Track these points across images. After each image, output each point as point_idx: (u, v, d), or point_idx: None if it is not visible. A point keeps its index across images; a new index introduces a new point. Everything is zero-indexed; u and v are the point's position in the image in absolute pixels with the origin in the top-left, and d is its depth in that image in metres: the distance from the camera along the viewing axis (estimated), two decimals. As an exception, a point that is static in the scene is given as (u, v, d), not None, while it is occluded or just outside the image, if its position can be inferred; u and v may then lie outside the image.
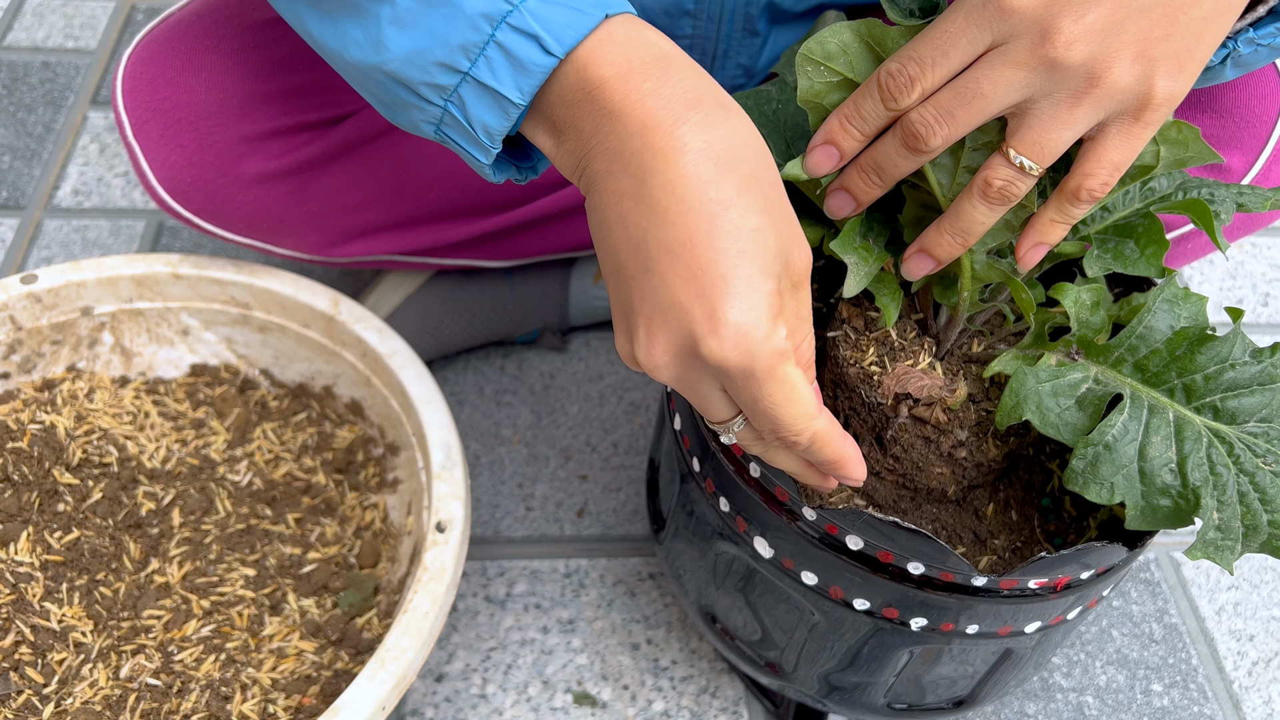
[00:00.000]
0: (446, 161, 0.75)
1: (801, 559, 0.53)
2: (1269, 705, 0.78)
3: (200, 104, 0.67)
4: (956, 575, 0.50)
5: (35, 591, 0.64)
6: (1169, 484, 0.46)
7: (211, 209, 0.72)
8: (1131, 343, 0.49)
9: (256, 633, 0.66)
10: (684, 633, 0.79)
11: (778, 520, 0.53)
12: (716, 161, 0.40)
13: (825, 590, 0.54)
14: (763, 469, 0.52)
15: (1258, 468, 0.46)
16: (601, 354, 0.97)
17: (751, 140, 0.42)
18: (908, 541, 0.49)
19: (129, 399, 0.76)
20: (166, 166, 0.69)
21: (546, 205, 0.81)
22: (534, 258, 0.88)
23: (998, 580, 0.50)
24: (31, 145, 1.12)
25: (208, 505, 0.71)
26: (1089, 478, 0.47)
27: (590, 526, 0.85)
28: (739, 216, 0.40)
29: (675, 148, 0.40)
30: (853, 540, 0.51)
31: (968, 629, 0.53)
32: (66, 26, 1.26)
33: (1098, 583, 0.53)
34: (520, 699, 0.74)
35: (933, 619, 0.53)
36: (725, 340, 0.40)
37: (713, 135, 0.41)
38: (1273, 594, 0.85)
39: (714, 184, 0.40)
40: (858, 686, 0.59)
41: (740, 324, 0.40)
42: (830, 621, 0.55)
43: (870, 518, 0.49)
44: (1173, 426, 0.47)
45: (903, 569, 0.51)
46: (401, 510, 0.73)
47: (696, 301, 0.40)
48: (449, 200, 0.77)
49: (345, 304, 0.75)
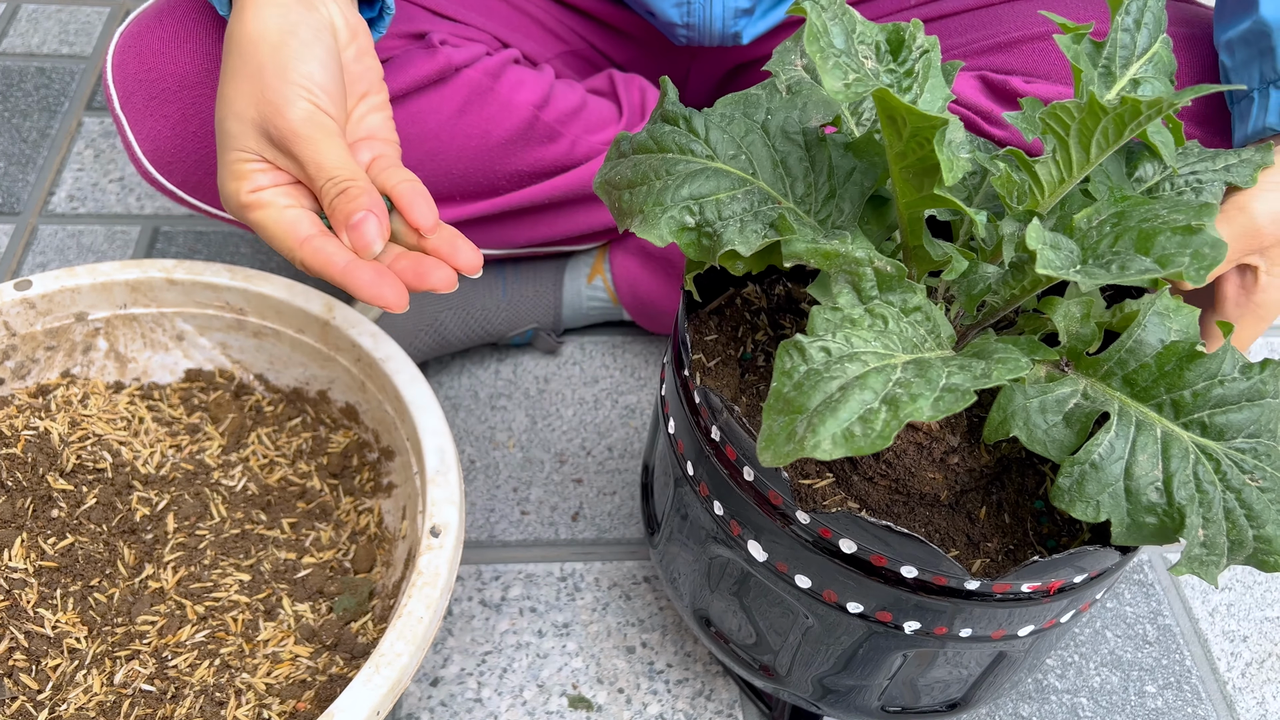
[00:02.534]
0: (431, 143, 0.76)
1: (795, 562, 0.53)
2: (1262, 706, 0.78)
3: (185, 73, 0.68)
4: (950, 579, 0.50)
5: (29, 597, 0.64)
6: (1155, 502, 0.46)
7: (195, 181, 0.72)
8: (1121, 356, 0.49)
9: (251, 638, 0.66)
10: (679, 636, 0.79)
11: (771, 524, 0.53)
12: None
13: (819, 594, 0.54)
14: (757, 473, 0.52)
15: (1244, 484, 0.46)
16: (596, 358, 0.97)
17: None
18: (901, 545, 0.49)
19: (123, 404, 0.76)
20: (151, 137, 0.70)
21: (535, 193, 0.81)
22: (522, 247, 0.88)
23: (990, 584, 0.50)
24: (26, 151, 1.12)
25: (202, 510, 0.71)
26: (1075, 496, 0.47)
27: (585, 530, 0.85)
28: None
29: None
30: (846, 544, 0.51)
31: (961, 632, 0.53)
32: (61, 32, 1.26)
33: (1091, 586, 0.53)
34: (515, 702, 0.74)
35: (926, 622, 0.53)
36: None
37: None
38: (1265, 595, 0.85)
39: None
40: (852, 689, 0.59)
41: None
42: (824, 625, 0.55)
43: (864, 521, 0.49)
44: (1160, 444, 0.47)
45: (896, 572, 0.51)
46: (396, 515, 0.73)
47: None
48: (433, 184, 0.78)
49: (340, 309, 0.75)
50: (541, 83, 0.79)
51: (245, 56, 0.55)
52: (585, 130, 0.81)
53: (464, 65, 0.75)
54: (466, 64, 0.76)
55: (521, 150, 0.79)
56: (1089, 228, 0.48)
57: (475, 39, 0.79)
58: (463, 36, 0.78)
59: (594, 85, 0.85)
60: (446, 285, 0.54)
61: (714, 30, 0.82)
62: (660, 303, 0.91)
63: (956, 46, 0.83)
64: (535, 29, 0.86)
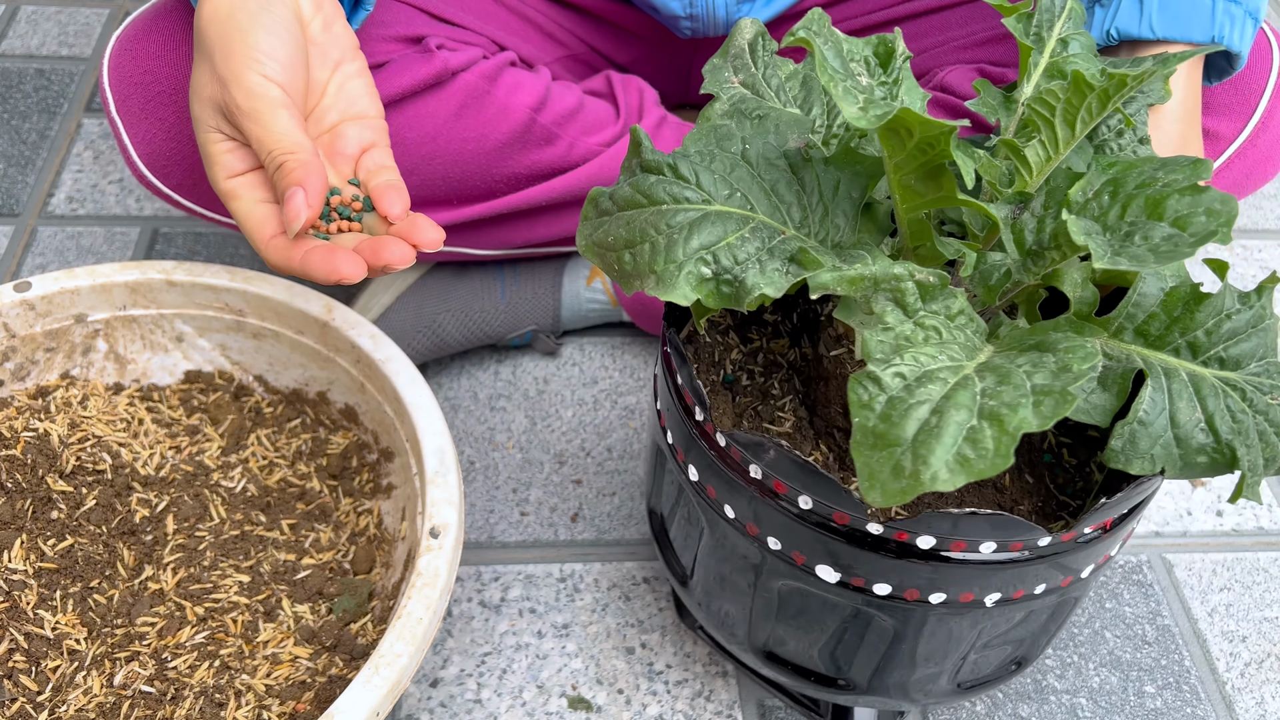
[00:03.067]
0: (428, 146, 0.76)
1: (874, 573, 0.54)
2: (1261, 706, 0.78)
3: (180, 77, 0.68)
4: (1025, 545, 0.51)
5: (29, 599, 0.64)
6: (1203, 444, 0.49)
7: (190, 184, 0.72)
8: (1129, 311, 0.51)
9: (251, 639, 0.66)
10: (678, 636, 0.79)
11: (839, 544, 0.53)
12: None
13: (901, 594, 0.54)
14: (816, 499, 0.52)
15: (1268, 405, 0.49)
16: (595, 359, 0.97)
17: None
18: (973, 526, 0.50)
19: (123, 406, 0.76)
20: (147, 141, 0.70)
21: (532, 196, 0.81)
22: (520, 248, 0.88)
23: (1059, 536, 0.52)
24: (26, 152, 1.12)
25: (202, 512, 0.71)
26: (1130, 454, 0.49)
27: (584, 531, 0.85)
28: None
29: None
30: (925, 540, 0.51)
31: (1036, 589, 0.55)
32: (61, 34, 1.26)
33: (1133, 517, 0.55)
34: (515, 703, 0.74)
35: (1006, 590, 0.54)
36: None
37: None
38: (1264, 595, 0.85)
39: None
40: (930, 676, 0.60)
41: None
42: (908, 624, 0.56)
43: (942, 514, 0.50)
44: (1191, 387, 0.49)
45: (977, 552, 0.52)
46: (396, 516, 0.73)
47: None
48: (431, 187, 0.78)
49: (339, 310, 0.75)
50: (538, 85, 0.79)
51: (202, 37, 0.56)
52: (583, 132, 0.81)
53: (461, 69, 0.75)
54: (463, 68, 0.76)
55: (519, 153, 0.79)
56: (1086, 200, 0.48)
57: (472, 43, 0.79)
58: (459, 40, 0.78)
59: (591, 86, 0.85)
60: (402, 261, 0.54)
61: (718, 19, 0.82)
62: (659, 305, 0.91)
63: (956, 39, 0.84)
64: (533, 33, 0.86)
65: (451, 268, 0.90)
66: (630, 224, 0.49)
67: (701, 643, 0.78)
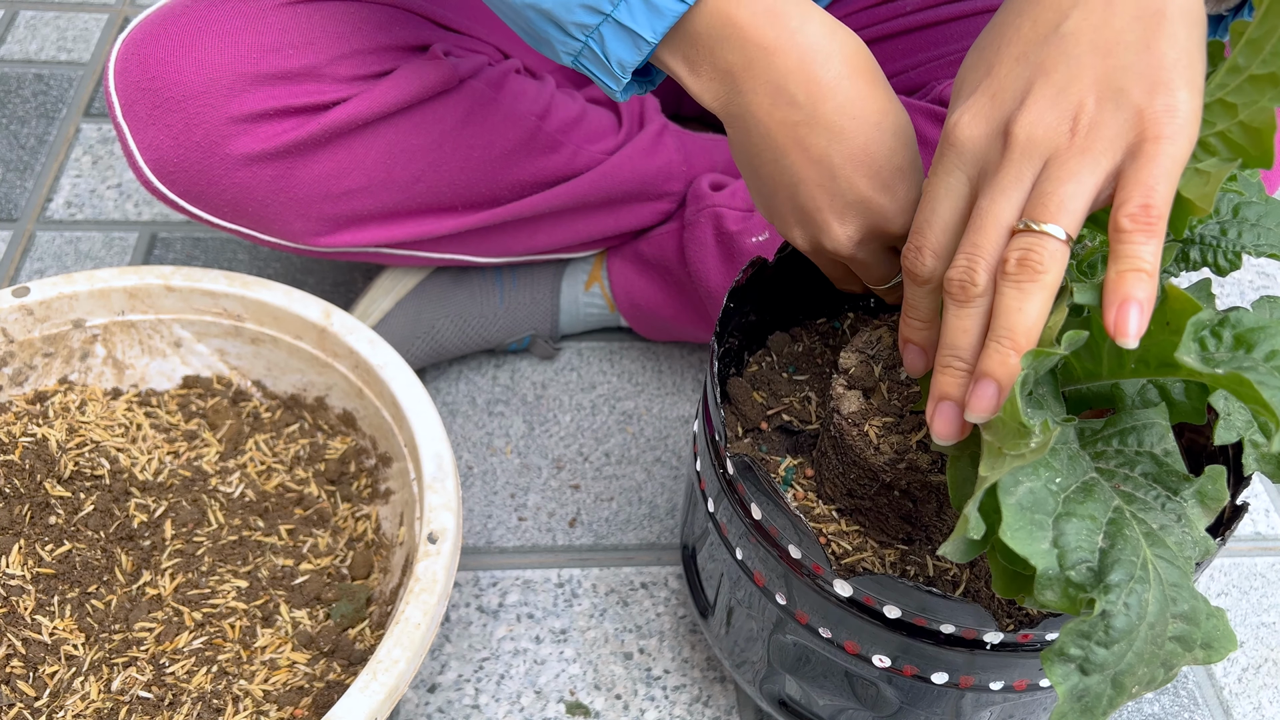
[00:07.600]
0: (433, 154, 0.76)
1: (926, 664, 0.54)
2: (1259, 712, 0.78)
3: (188, 84, 0.68)
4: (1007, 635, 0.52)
5: (27, 604, 0.64)
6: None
7: (196, 191, 0.72)
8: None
9: (248, 644, 0.66)
10: (676, 642, 0.79)
11: (878, 628, 0.53)
12: (865, 78, 0.51)
13: (958, 684, 0.55)
14: (855, 586, 0.52)
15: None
16: (593, 363, 0.97)
17: (860, 43, 0.52)
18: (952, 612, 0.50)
19: (121, 411, 0.76)
20: (153, 147, 0.70)
21: (535, 203, 0.81)
22: (522, 256, 0.88)
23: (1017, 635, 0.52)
24: (24, 157, 1.12)
25: (200, 517, 0.71)
26: None
27: (582, 536, 0.85)
28: (895, 118, 0.52)
29: (835, 77, 0.51)
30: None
31: (1043, 682, 0.55)
32: (59, 39, 1.26)
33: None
34: (513, 709, 0.74)
35: (1009, 678, 0.54)
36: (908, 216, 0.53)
37: (851, 55, 0.51)
38: (1261, 600, 0.85)
39: (871, 98, 0.51)
40: None
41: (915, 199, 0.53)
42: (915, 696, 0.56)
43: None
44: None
45: (980, 639, 0.52)
46: (394, 521, 0.73)
47: (882, 193, 0.52)
48: (436, 194, 0.78)
49: (337, 315, 0.75)
50: (543, 92, 0.79)
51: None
52: (586, 140, 0.81)
53: (467, 76, 0.76)
54: (470, 75, 0.76)
55: (524, 160, 0.79)
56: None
57: (478, 50, 0.79)
58: (465, 48, 0.78)
59: (593, 94, 0.86)
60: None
61: None
62: (657, 310, 0.91)
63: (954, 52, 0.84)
64: None
65: (450, 273, 0.90)
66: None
67: (699, 648, 0.78)
